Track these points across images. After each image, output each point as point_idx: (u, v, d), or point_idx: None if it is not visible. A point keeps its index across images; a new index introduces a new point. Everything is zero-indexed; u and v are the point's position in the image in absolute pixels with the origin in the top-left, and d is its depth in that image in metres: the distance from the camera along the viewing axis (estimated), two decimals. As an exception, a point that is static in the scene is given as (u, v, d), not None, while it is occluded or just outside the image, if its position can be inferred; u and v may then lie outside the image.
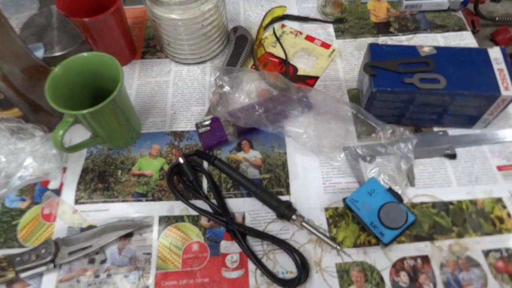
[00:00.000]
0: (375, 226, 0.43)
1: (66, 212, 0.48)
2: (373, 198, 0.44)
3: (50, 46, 0.59)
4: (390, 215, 0.42)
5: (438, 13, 0.67)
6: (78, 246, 0.45)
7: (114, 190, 0.50)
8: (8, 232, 0.47)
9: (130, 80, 0.60)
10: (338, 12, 0.67)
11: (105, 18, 0.52)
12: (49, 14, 0.63)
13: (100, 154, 0.53)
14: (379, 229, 0.42)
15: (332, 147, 0.52)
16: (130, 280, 0.44)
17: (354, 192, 0.45)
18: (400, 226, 0.42)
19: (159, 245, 0.46)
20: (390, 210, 0.42)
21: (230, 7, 0.69)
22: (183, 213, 0.48)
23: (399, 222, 0.42)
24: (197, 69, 0.61)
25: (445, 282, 0.43)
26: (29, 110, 0.50)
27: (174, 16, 0.53)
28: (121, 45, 0.59)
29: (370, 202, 0.44)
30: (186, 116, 0.56)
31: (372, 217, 0.43)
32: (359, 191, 0.45)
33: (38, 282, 0.44)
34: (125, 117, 0.49)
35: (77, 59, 0.47)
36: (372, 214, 0.43)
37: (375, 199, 0.44)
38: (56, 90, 0.44)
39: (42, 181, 0.50)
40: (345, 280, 0.43)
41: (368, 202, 0.44)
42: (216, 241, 0.46)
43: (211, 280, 0.44)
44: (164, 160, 0.52)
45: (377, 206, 0.43)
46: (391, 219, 0.42)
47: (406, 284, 0.43)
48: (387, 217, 0.42)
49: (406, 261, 0.44)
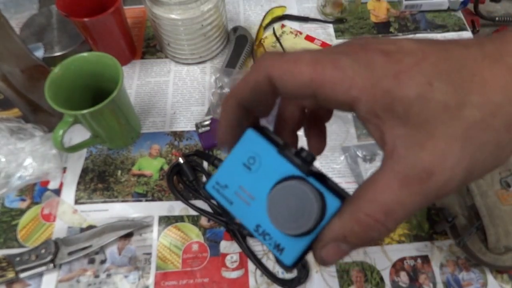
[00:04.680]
0: (265, 234, 0.21)
1: (66, 212, 0.48)
2: (255, 176, 0.22)
3: (50, 46, 0.59)
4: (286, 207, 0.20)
5: (438, 13, 0.67)
6: (78, 246, 0.45)
7: (114, 190, 0.50)
8: (7, 232, 0.47)
9: (130, 80, 0.60)
10: (338, 12, 0.67)
11: (105, 18, 0.52)
12: (49, 14, 0.63)
13: (100, 154, 0.53)
14: (272, 238, 0.21)
15: (332, 149, 0.52)
16: (130, 280, 0.44)
17: (218, 170, 0.23)
18: (310, 229, 0.20)
19: (159, 245, 0.46)
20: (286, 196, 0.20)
21: (230, 7, 0.69)
22: (183, 213, 0.48)
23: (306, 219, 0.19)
24: (197, 69, 0.61)
25: (445, 282, 0.43)
26: (29, 110, 0.50)
27: (174, 16, 0.53)
28: (121, 45, 0.59)
29: (251, 185, 0.22)
30: (186, 116, 0.56)
31: (257, 214, 0.22)
32: (226, 164, 0.23)
33: (38, 282, 0.44)
34: (125, 117, 0.49)
35: (77, 59, 0.47)
36: (256, 208, 0.22)
37: (259, 176, 0.22)
38: (56, 90, 0.44)
39: (42, 181, 0.50)
40: (345, 280, 0.43)
41: (246, 185, 0.22)
42: (216, 241, 0.46)
43: (211, 280, 0.44)
44: (164, 160, 0.52)
45: (265, 190, 0.21)
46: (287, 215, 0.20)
47: (406, 284, 0.43)
48: (280, 212, 0.20)
49: (406, 261, 0.44)
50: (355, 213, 0.18)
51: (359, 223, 0.18)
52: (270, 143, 0.22)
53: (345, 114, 0.55)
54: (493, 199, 0.41)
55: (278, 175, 0.21)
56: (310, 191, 0.19)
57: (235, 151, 0.22)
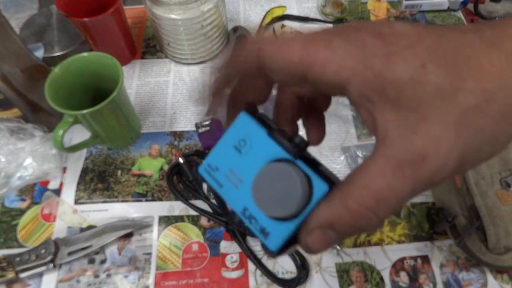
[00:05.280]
0: (251, 217, 0.21)
1: (66, 212, 0.48)
2: (245, 159, 0.22)
3: (50, 46, 0.59)
4: (270, 189, 0.19)
5: (438, 13, 0.67)
6: (78, 246, 0.45)
7: (114, 190, 0.50)
8: (7, 232, 0.47)
9: (130, 80, 0.60)
10: (338, 12, 0.67)
11: (105, 18, 0.52)
12: (49, 14, 0.63)
13: (100, 154, 0.53)
14: (258, 221, 0.21)
15: (332, 149, 0.52)
16: (130, 280, 0.44)
17: (211, 152, 0.23)
18: (294, 212, 0.19)
19: (159, 245, 0.46)
20: (271, 177, 0.19)
21: (230, 7, 0.69)
22: (183, 213, 0.48)
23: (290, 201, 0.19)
24: (197, 69, 0.61)
25: (445, 282, 0.43)
26: (29, 110, 0.50)
27: (174, 16, 0.53)
28: (121, 45, 0.59)
29: (240, 167, 0.22)
30: (186, 116, 0.56)
31: (244, 197, 0.21)
32: (218, 147, 0.23)
33: (38, 282, 0.44)
34: (124, 117, 0.49)
35: (77, 59, 0.47)
36: (244, 191, 0.21)
37: (248, 159, 0.21)
38: (56, 90, 0.44)
39: (42, 181, 0.50)
40: (345, 280, 0.43)
41: (235, 167, 0.22)
42: (216, 241, 0.46)
43: (210, 280, 0.44)
44: (164, 160, 0.52)
45: (253, 173, 0.21)
46: (272, 197, 0.19)
47: (406, 284, 0.43)
48: (264, 194, 0.20)
49: (406, 261, 0.44)
50: (344, 200, 0.18)
51: (348, 210, 0.17)
52: (262, 126, 0.21)
53: (345, 114, 0.55)
54: (493, 199, 0.41)
55: (267, 157, 0.21)
56: (296, 173, 0.19)
57: (227, 133, 0.22)
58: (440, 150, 0.16)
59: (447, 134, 0.16)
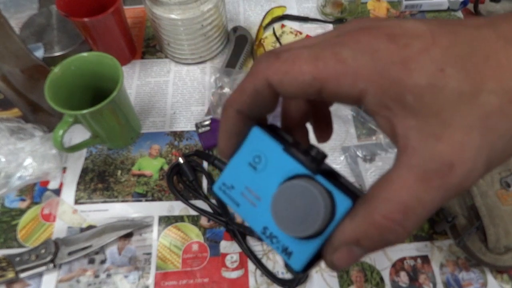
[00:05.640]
0: (272, 236, 0.20)
1: (66, 212, 0.48)
2: (261, 176, 0.21)
3: (50, 46, 0.59)
4: (291, 208, 0.19)
5: (438, 13, 0.67)
6: (78, 246, 0.45)
7: (114, 190, 0.50)
8: (7, 232, 0.47)
9: (130, 80, 0.60)
10: (338, 12, 0.67)
11: (105, 18, 0.52)
12: (49, 14, 0.63)
13: (100, 154, 0.53)
14: (280, 240, 0.20)
15: (332, 149, 0.52)
16: (130, 280, 0.44)
17: (225, 170, 0.22)
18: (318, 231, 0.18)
19: (159, 245, 0.46)
20: (291, 196, 0.19)
21: (230, 7, 0.69)
22: (183, 213, 0.48)
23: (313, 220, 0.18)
24: (197, 69, 0.61)
25: (445, 282, 0.43)
26: (29, 110, 0.50)
27: (174, 16, 0.53)
28: (121, 45, 0.59)
29: (257, 185, 0.21)
30: (186, 116, 0.56)
31: (264, 216, 0.21)
32: (232, 164, 0.22)
33: (38, 282, 0.44)
34: (124, 117, 0.49)
35: (77, 59, 0.47)
36: (263, 209, 0.21)
37: (265, 176, 0.21)
38: (56, 90, 0.44)
39: (41, 181, 0.50)
40: (345, 280, 0.43)
41: (251, 185, 0.21)
42: (216, 241, 0.46)
43: (210, 280, 0.44)
44: (164, 160, 0.52)
45: (271, 191, 0.20)
46: (293, 217, 0.19)
47: (406, 284, 0.43)
48: (284, 213, 0.19)
49: (406, 261, 0.44)
50: (369, 214, 0.17)
51: (374, 225, 0.17)
52: (276, 140, 0.20)
53: (345, 114, 0.55)
54: (493, 199, 0.41)
55: (284, 174, 0.20)
56: (316, 189, 0.18)
57: (241, 150, 0.22)
58: (467, 155, 0.16)
59: (472, 138, 0.16)
